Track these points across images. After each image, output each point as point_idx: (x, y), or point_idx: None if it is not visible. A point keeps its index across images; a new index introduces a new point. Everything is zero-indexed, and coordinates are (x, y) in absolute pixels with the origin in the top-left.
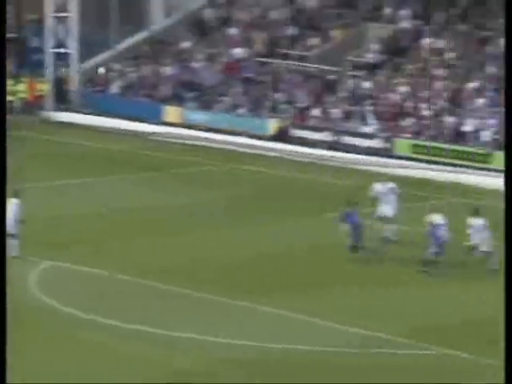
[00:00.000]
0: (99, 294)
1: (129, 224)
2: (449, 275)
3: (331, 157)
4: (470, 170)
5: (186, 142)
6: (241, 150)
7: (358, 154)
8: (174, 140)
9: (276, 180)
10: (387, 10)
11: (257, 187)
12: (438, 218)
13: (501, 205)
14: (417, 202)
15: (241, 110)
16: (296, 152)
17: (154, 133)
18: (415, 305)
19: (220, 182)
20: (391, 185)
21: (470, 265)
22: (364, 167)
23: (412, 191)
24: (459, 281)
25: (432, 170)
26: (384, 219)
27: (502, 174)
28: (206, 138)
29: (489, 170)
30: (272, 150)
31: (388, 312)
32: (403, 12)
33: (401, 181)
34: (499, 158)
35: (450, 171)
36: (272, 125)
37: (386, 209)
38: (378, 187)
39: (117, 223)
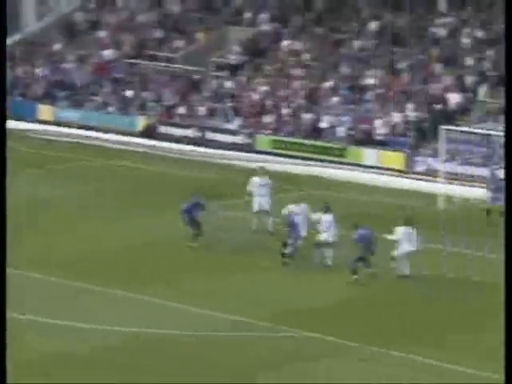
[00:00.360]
0: None
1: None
2: (303, 265)
3: (197, 152)
4: (326, 164)
5: (63, 139)
6: (113, 146)
7: (222, 149)
8: (50, 137)
9: (148, 175)
10: (247, 14)
11: (131, 182)
12: (295, 210)
13: (356, 197)
14: (279, 194)
15: (111, 108)
16: (164, 148)
17: (30, 130)
18: (275, 291)
19: (94, 177)
20: (266, 180)
21: (319, 255)
22: (228, 162)
23: (274, 184)
24: (312, 270)
25: (291, 163)
26: (261, 212)
27: (357, 167)
28: (80, 136)
29: (344, 163)
30: (141, 146)
31: (251, 298)
32: (263, 16)
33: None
34: (353, 152)
35: (309, 165)
36: (140, 122)
37: (262, 202)
38: (256, 181)
39: None
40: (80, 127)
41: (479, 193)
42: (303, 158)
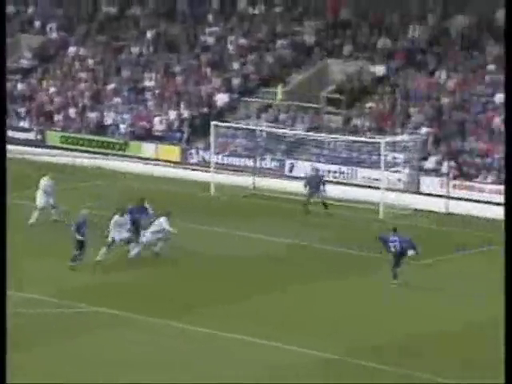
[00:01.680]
0: None
1: None
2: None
3: None
4: (110, 157)
5: None
6: None
7: (17, 145)
8: None
9: None
10: (37, 23)
11: None
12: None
13: (136, 185)
14: (66, 185)
15: None
16: None
17: None
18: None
19: None
20: (52, 181)
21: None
22: (22, 156)
23: (62, 176)
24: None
25: (79, 157)
26: (46, 207)
27: (137, 160)
28: None
29: (125, 156)
30: None
31: (43, 278)
32: (51, 25)
33: (52, 167)
34: (134, 146)
35: (94, 158)
36: None
37: (48, 199)
38: (44, 182)
39: None
40: None
41: (244, 181)
42: (89, 152)
